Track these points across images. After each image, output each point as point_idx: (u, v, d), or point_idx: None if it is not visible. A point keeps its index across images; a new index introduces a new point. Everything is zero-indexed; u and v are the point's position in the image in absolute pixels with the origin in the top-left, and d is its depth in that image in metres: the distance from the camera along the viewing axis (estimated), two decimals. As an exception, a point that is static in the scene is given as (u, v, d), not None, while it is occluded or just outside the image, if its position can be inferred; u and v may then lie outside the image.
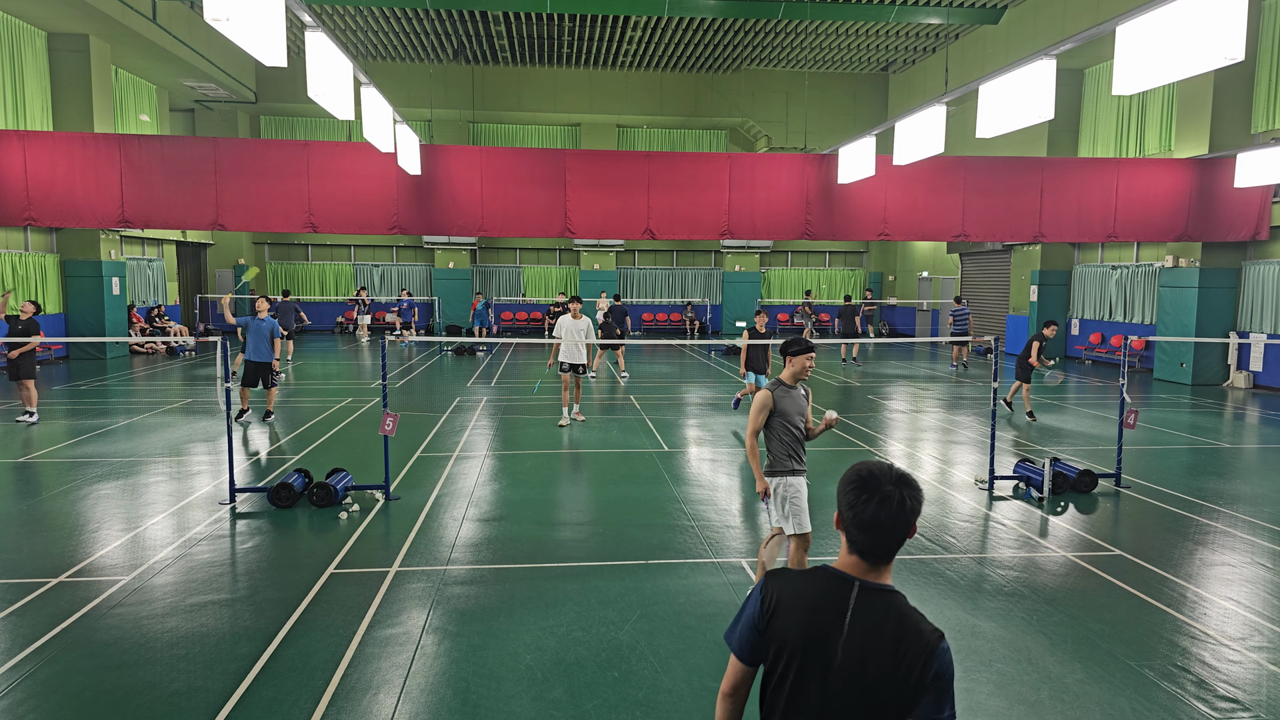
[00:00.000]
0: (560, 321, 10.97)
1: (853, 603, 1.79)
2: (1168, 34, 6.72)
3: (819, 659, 1.78)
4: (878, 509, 1.78)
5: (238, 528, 6.63)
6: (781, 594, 1.86)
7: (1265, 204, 15.36)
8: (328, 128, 27.72)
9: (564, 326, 10.92)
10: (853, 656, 1.75)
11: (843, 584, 1.82)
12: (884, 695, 1.73)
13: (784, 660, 1.83)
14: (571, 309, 10.97)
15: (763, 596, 1.88)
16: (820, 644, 1.78)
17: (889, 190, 15.02)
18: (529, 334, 28.76)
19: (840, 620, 1.78)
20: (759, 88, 26.77)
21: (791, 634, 1.81)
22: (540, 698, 4.01)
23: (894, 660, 1.73)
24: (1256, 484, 8.41)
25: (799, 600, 1.84)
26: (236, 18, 6.10)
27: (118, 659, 4.36)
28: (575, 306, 10.98)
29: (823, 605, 1.81)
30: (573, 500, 7.66)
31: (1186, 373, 16.28)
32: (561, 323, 10.96)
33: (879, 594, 1.79)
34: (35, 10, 16.14)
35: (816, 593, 1.83)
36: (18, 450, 9.30)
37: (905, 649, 1.73)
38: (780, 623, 1.83)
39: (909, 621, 1.76)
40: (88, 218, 13.61)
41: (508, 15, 21.13)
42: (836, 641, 1.77)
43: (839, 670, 1.76)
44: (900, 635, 1.74)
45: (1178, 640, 4.73)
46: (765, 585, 1.90)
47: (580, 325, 10.92)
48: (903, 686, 1.72)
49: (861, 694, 1.75)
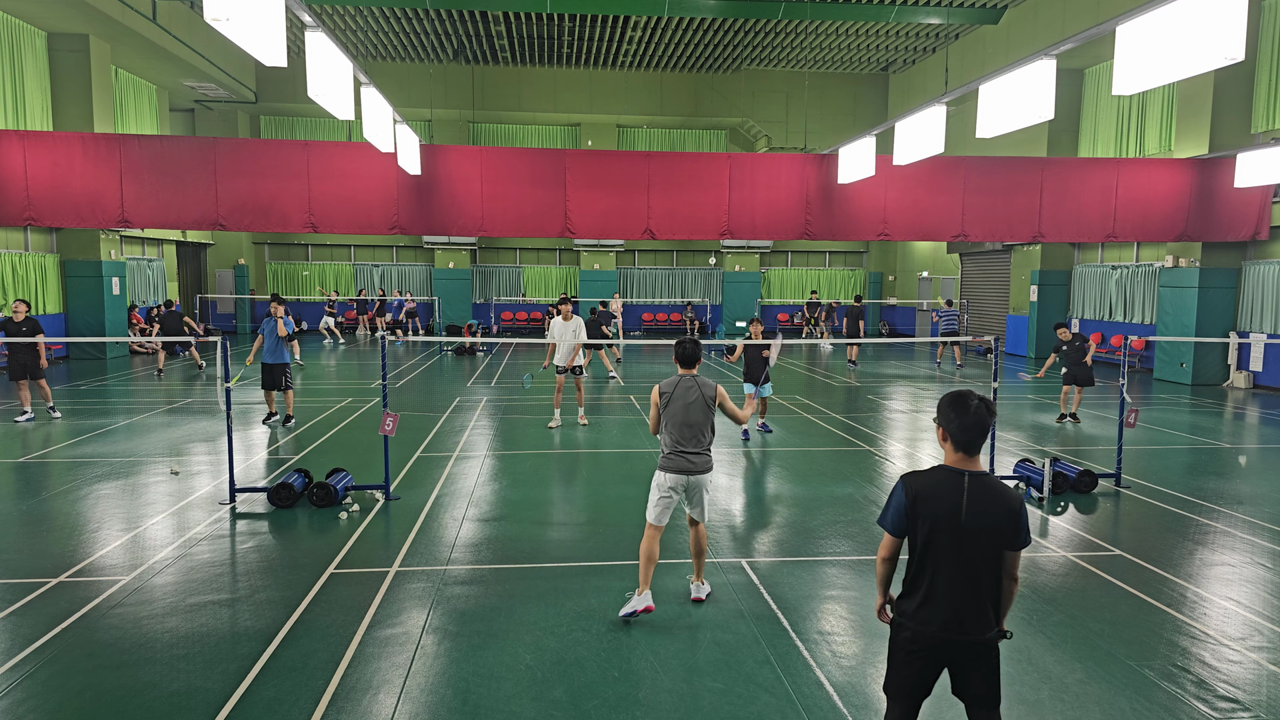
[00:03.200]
0: (552, 324, 10.98)
1: (966, 483, 2.81)
2: (1168, 34, 6.72)
3: (950, 522, 2.79)
4: (973, 417, 2.79)
5: (238, 528, 6.63)
6: (919, 486, 2.86)
7: (1265, 204, 15.36)
8: (328, 128, 27.72)
9: (555, 329, 10.95)
10: (969, 513, 2.78)
11: (956, 474, 2.84)
12: (993, 536, 2.79)
13: (928, 526, 2.82)
14: (562, 310, 10.87)
15: (905, 490, 2.87)
16: (954, 513, 2.79)
17: (889, 190, 15.02)
18: (529, 334, 28.76)
19: (960, 495, 2.80)
20: (759, 88, 26.76)
21: (931, 508, 2.82)
22: (540, 698, 4.01)
23: (997, 513, 2.77)
24: (1256, 484, 8.41)
25: (931, 488, 2.84)
26: (236, 18, 6.09)
27: (118, 659, 4.36)
28: (565, 308, 10.86)
29: (948, 488, 2.82)
30: (572, 500, 7.66)
31: (1186, 373, 16.28)
32: (553, 325, 10.99)
33: (978, 476, 2.83)
34: (35, 10, 16.14)
35: (942, 481, 2.84)
36: (19, 450, 9.30)
37: (1005, 507, 2.78)
38: (922, 504, 2.83)
39: (1002, 490, 2.82)
40: (88, 218, 13.60)
41: (508, 15, 21.13)
42: (960, 508, 2.79)
43: (964, 525, 2.78)
44: (998, 498, 2.79)
45: (1178, 640, 4.73)
46: (905, 484, 2.87)
47: (570, 326, 10.87)
48: (1004, 528, 2.79)
49: (979, 537, 2.79)
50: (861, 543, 6.38)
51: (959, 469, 2.83)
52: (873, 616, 5.10)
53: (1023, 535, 2.81)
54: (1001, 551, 2.81)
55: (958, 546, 2.79)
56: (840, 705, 3.99)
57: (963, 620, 2.81)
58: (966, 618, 2.81)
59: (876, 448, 10.00)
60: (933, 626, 2.84)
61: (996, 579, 2.83)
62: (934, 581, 2.83)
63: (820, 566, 5.88)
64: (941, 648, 2.86)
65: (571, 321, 10.90)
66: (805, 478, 8.53)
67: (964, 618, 2.81)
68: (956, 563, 2.80)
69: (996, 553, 2.80)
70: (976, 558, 2.79)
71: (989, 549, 2.79)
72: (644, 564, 4.92)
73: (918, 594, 2.87)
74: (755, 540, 6.47)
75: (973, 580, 2.80)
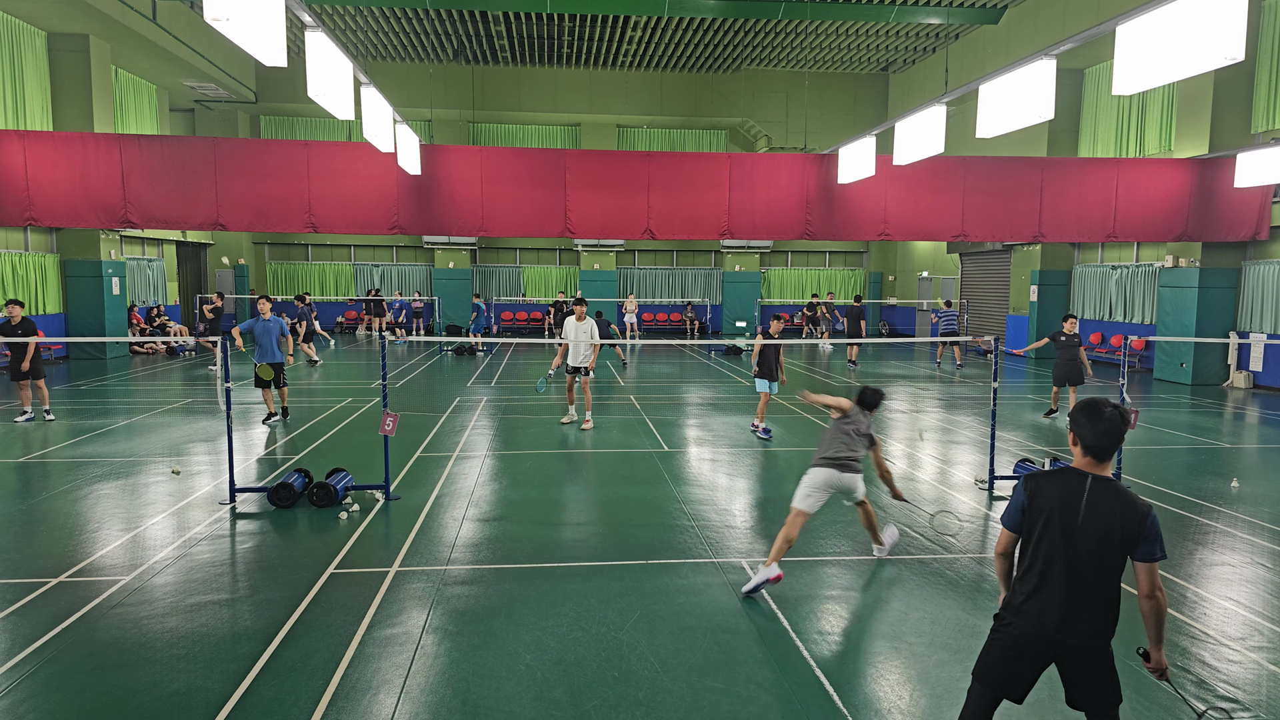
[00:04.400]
0: (566, 324, 10.91)
1: (1088, 487, 2.86)
2: (1168, 34, 6.72)
3: (1066, 520, 2.85)
4: (1106, 424, 2.84)
5: (238, 528, 6.63)
6: (1038, 485, 2.93)
7: (1265, 204, 15.36)
8: (328, 128, 27.72)
9: (569, 329, 10.87)
10: (1086, 518, 2.82)
11: (1080, 476, 2.89)
12: (1108, 542, 2.79)
13: (1042, 522, 2.89)
14: (576, 311, 10.89)
15: (1025, 488, 2.95)
16: (1071, 512, 2.84)
17: (889, 190, 15.02)
18: (529, 334, 28.76)
19: (1080, 496, 2.85)
20: (759, 88, 26.77)
21: (1047, 505, 2.88)
22: (540, 698, 4.01)
23: (1118, 521, 2.78)
24: (1256, 484, 8.41)
25: (1051, 487, 2.91)
26: (236, 18, 6.10)
27: (118, 659, 4.36)
28: (580, 309, 10.88)
29: (1069, 488, 2.88)
30: (573, 500, 7.66)
31: (1186, 373, 16.28)
32: (567, 325, 10.90)
33: (1104, 481, 2.86)
34: (35, 10, 16.14)
35: (1065, 482, 2.90)
36: (19, 450, 9.30)
37: (1126, 514, 2.79)
38: (1040, 500, 2.90)
39: (1128, 497, 2.82)
40: (88, 218, 13.61)
41: (508, 15, 21.13)
42: (1078, 508, 2.84)
43: (1078, 526, 2.83)
44: (1122, 505, 2.80)
45: (1178, 640, 4.73)
46: (1026, 482, 2.96)
47: (585, 327, 10.86)
48: (1125, 535, 2.78)
49: (1093, 541, 2.81)
50: (861, 542, 6.38)
51: (1084, 471, 2.90)
52: (872, 615, 5.11)
53: (1146, 545, 2.77)
54: (1119, 560, 2.81)
55: (1071, 546, 2.83)
56: (840, 705, 3.99)
57: (1066, 621, 2.83)
58: (1072, 618, 2.83)
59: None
60: (1034, 624, 2.88)
61: (1111, 587, 2.84)
62: (1042, 579, 2.87)
63: (820, 566, 5.88)
64: (1041, 646, 2.89)
65: (585, 322, 10.89)
66: (805, 478, 8.53)
67: (1069, 618, 2.83)
68: (1067, 562, 2.83)
69: (1112, 560, 2.80)
70: (1089, 559, 2.81)
71: (1103, 554, 2.80)
72: (782, 544, 5.34)
73: (1025, 589, 2.92)
74: (755, 540, 6.47)
75: (1081, 583, 2.82)
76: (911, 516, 7.10)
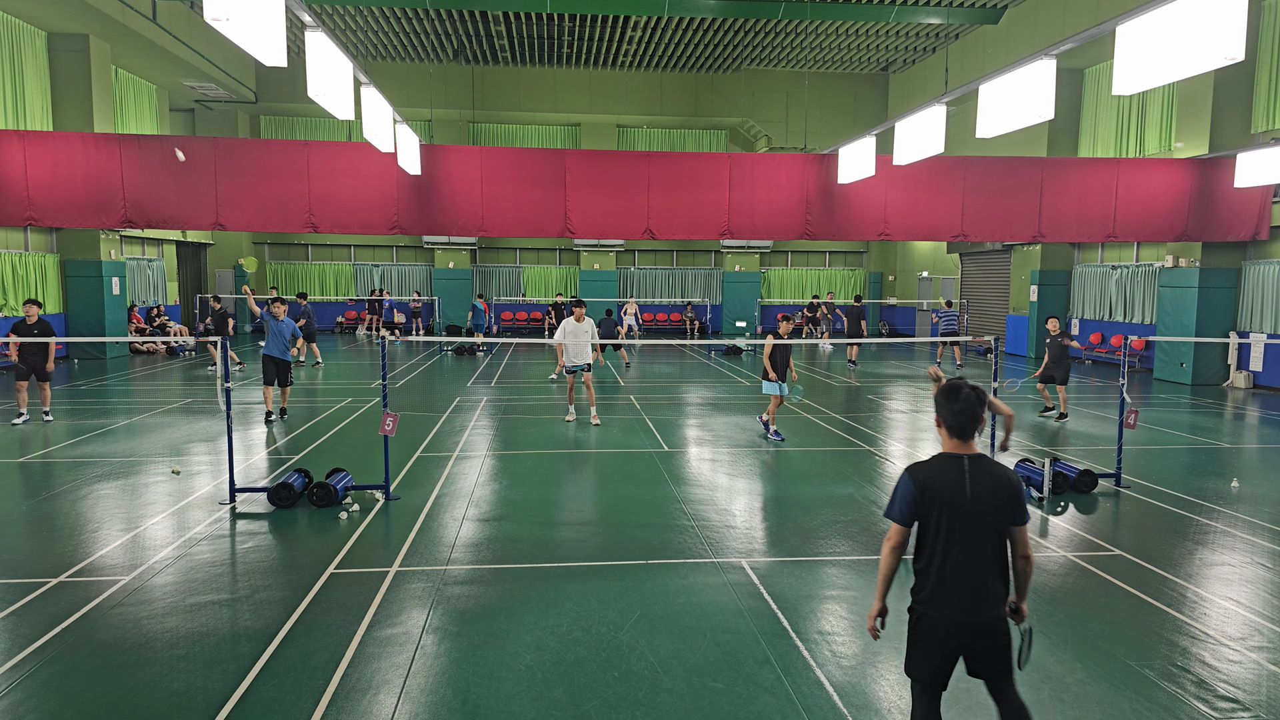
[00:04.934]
0: (564, 325, 11.15)
1: (967, 465, 3.00)
2: (1168, 34, 6.72)
3: (957, 503, 2.97)
4: (962, 403, 2.99)
5: (238, 528, 6.63)
6: (925, 475, 3.02)
7: (1265, 204, 15.35)
8: (328, 128, 27.72)
9: (568, 330, 11.12)
10: (973, 495, 2.97)
11: (957, 459, 3.03)
12: (996, 513, 2.98)
13: (937, 511, 2.99)
14: (576, 312, 11.18)
15: (913, 480, 3.02)
16: (958, 495, 2.97)
17: (889, 190, 15.01)
18: (529, 334, 28.76)
19: (963, 477, 2.99)
20: (759, 88, 26.76)
21: (939, 494, 2.99)
22: (540, 698, 4.01)
23: (996, 488, 2.97)
24: (1256, 484, 8.40)
25: (936, 474, 3.01)
26: (236, 18, 6.10)
27: (118, 659, 4.36)
28: (579, 310, 11.19)
29: (951, 472, 3.01)
30: (573, 500, 7.66)
31: (1186, 373, 16.28)
32: (565, 326, 11.13)
33: (976, 458, 3.03)
34: (35, 10, 16.14)
35: (945, 467, 3.02)
36: (19, 450, 9.30)
37: (1002, 485, 2.99)
38: (931, 491, 3.00)
39: (1000, 469, 3.03)
40: (88, 218, 13.61)
41: (508, 15, 21.12)
42: (964, 488, 2.97)
43: (968, 506, 2.97)
44: (997, 476, 3.00)
45: (1178, 640, 4.73)
46: (912, 475, 3.04)
47: (584, 328, 11.18)
48: (1005, 505, 2.98)
49: (981, 516, 2.97)
50: (861, 543, 6.38)
51: (958, 454, 3.04)
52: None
53: (1021, 511, 3.00)
54: (1006, 529, 3.01)
55: (966, 527, 2.97)
56: (840, 705, 3.99)
57: (976, 599, 2.99)
58: (979, 596, 2.98)
59: (877, 448, 10.00)
60: (948, 610, 3.00)
61: (1003, 556, 3.03)
62: (945, 564, 2.99)
63: (820, 566, 5.88)
64: (958, 628, 3.01)
65: (585, 323, 11.21)
66: (805, 478, 8.54)
67: (977, 596, 2.98)
68: (965, 543, 2.97)
69: (1000, 531, 3.00)
70: (983, 536, 2.98)
71: (994, 526, 2.98)
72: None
73: (930, 579, 3.04)
74: (755, 540, 6.47)
75: (981, 559, 2.98)
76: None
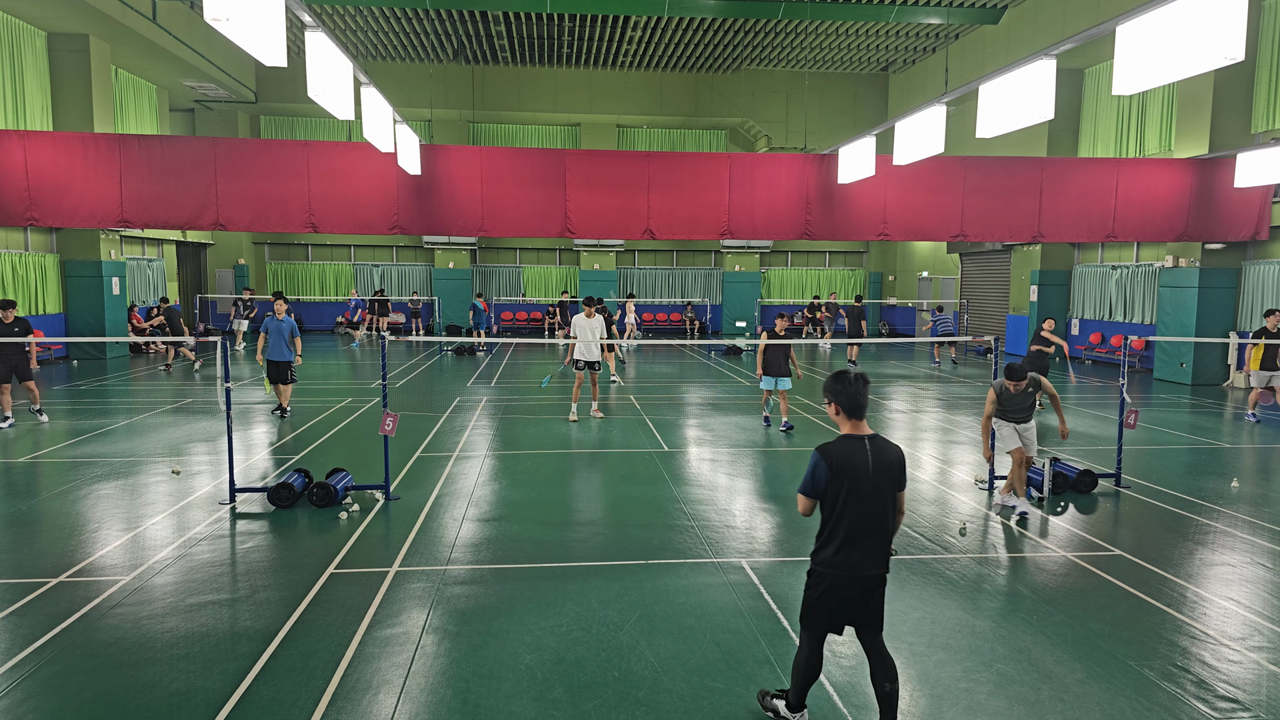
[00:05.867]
0: (575, 321, 11.51)
1: (868, 445, 3.52)
2: (1168, 34, 6.72)
3: (861, 477, 3.47)
4: (851, 387, 3.53)
5: (238, 528, 6.63)
6: (834, 455, 3.49)
7: (1265, 204, 15.35)
8: (328, 128, 27.72)
9: (579, 326, 11.43)
10: (878, 469, 3.49)
11: (858, 439, 3.53)
12: (888, 484, 3.52)
13: (848, 486, 3.46)
14: (585, 310, 11.51)
15: (827, 461, 3.47)
16: (863, 471, 3.47)
17: (889, 190, 15.01)
18: (529, 334, 28.75)
19: (866, 455, 3.49)
20: (759, 88, 26.76)
21: (849, 471, 3.46)
22: (540, 698, 4.01)
23: (890, 466, 3.52)
24: (1256, 484, 8.41)
25: (845, 454, 3.49)
26: (236, 18, 6.09)
27: (118, 659, 4.36)
28: (589, 308, 11.52)
29: (857, 452, 3.50)
30: (573, 500, 7.66)
31: (1186, 373, 16.27)
32: (577, 322, 11.48)
33: (873, 438, 3.55)
34: (35, 10, 16.14)
35: (851, 447, 3.51)
36: (18, 450, 9.30)
37: (893, 459, 3.53)
38: (842, 469, 3.46)
39: (890, 445, 3.58)
40: (88, 218, 13.60)
41: (508, 15, 21.12)
42: (868, 466, 3.48)
43: (870, 481, 3.47)
44: (890, 452, 3.54)
45: (1178, 640, 4.73)
46: (825, 456, 3.48)
47: (594, 324, 11.43)
48: (895, 476, 3.53)
49: (880, 488, 3.50)
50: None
51: (859, 435, 3.55)
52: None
53: (904, 478, 3.59)
54: (893, 494, 3.55)
55: (867, 498, 3.48)
56: (840, 705, 3.99)
57: (869, 558, 3.52)
58: (872, 555, 3.52)
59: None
60: (847, 569, 3.51)
61: (890, 521, 3.56)
62: (849, 530, 3.49)
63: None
64: (852, 584, 3.53)
65: (595, 320, 11.47)
66: (805, 478, 8.53)
67: (870, 555, 3.51)
68: (864, 511, 3.48)
69: (890, 499, 3.54)
70: (879, 505, 3.50)
71: (888, 495, 3.52)
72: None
73: (835, 542, 3.52)
74: (755, 540, 6.47)
75: (878, 523, 3.51)
76: (913, 516, 7.10)
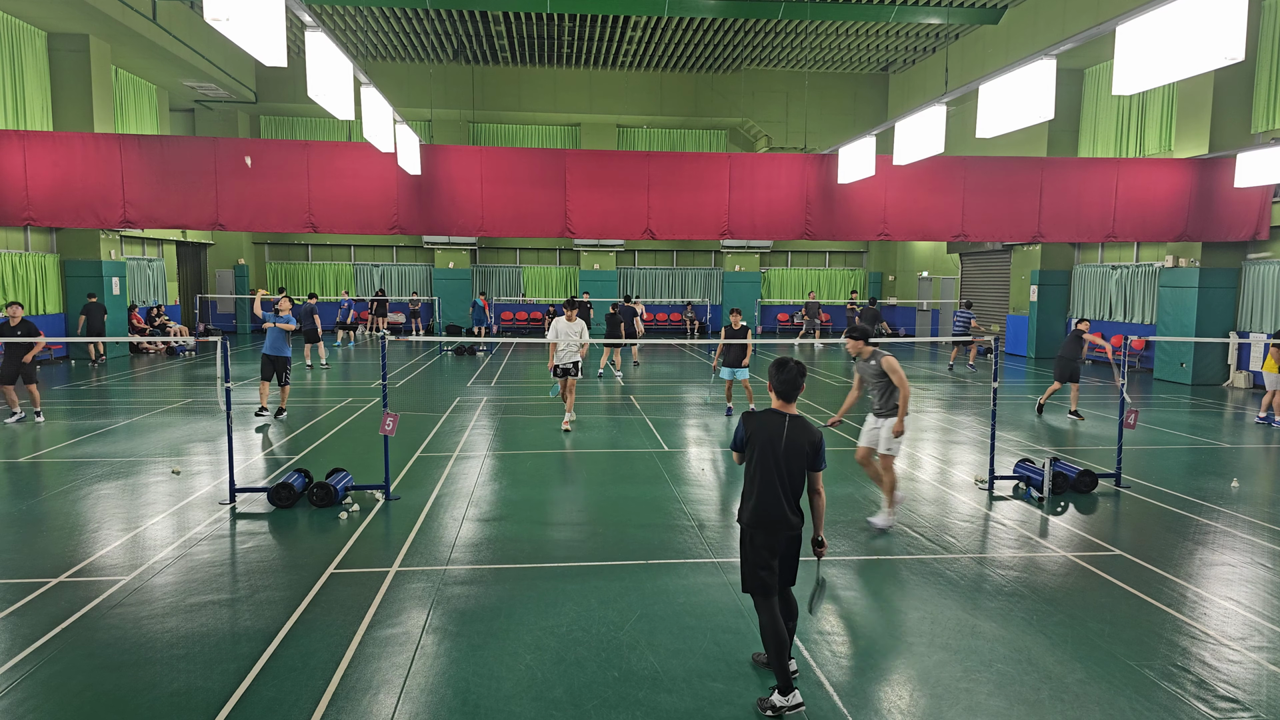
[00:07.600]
0: (556, 324, 10.70)
1: (786, 422, 4.01)
2: (1168, 34, 6.72)
3: (775, 447, 3.98)
4: (787, 374, 4.06)
5: (238, 528, 6.63)
6: (755, 424, 4.05)
7: (1265, 204, 15.36)
8: (328, 128, 27.71)
9: (558, 329, 10.67)
10: (789, 444, 3.97)
11: (780, 415, 4.04)
12: (802, 458, 3.99)
13: (759, 450, 4.00)
14: (566, 313, 10.71)
15: (745, 426, 4.07)
16: (775, 441, 3.98)
17: (889, 190, 15.02)
18: (529, 334, 28.75)
19: (782, 429, 3.99)
20: (759, 88, 26.75)
21: (762, 437, 4.01)
22: (540, 698, 4.01)
23: (804, 442, 3.99)
24: (1256, 484, 8.41)
25: (763, 423, 4.03)
26: (236, 18, 6.10)
27: (118, 659, 4.36)
28: (570, 311, 10.70)
29: (774, 424, 4.01)
30: (573, 500, 7.66)
31: (1186, 373, 16.28)
32: (557, 325, 10.68)
33: (795, 418, 4.04)
34: (35, 10, 16.14)
35: (771, 421, 4.03)
36: (17, 450, 9.30)
37: (809, 436, 4.00)
38: (756, 434, 4.03)
39: (810, 427, 4.04)
40: (88, 218, 13.60)
41: (508, 15, 21.12)
42: (781, 438, 3.98)
43: (784, 451, 3.98)
44: (806, 432, 4.01)
45: (1178, 640, 4.73)
46: (745, 421, 4.08)
47: (574, 328, 10.70)
48: (806, 455, 3.99)
49: (793, 459, 3.98)
50: (860, 542, 6.38)
51: (782, 412, 4.05)
52: (873, 617, 5.11)
53: (819, 458, 4.01)
54: (807, 472, 4.02)
55: (776, 464, 3.96)
56: (840, 705, 3.99)
57: (779, 519, 3.97)
58: (780, 514, 3.97)
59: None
60: (757, 522, 4.00)
61: (800, 492, 4.04)
62: (760, 489, 3.98)
63: (820, 566, 5.87)
64: (769, 540, 3.99)
65: (575, 323, 10.72)
66: (805, 478, 8.53)
67: (779, 514, 3.96)
68: (773, 476, 3.96)
69: (803, 472, 4.01)
70: (788, 474, 3.97)
71: (797, 468, 3.98)
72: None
73: (751, 499, 4.03)
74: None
75: (785, 489, 3.97)
76: (913, 516, 7.10)
